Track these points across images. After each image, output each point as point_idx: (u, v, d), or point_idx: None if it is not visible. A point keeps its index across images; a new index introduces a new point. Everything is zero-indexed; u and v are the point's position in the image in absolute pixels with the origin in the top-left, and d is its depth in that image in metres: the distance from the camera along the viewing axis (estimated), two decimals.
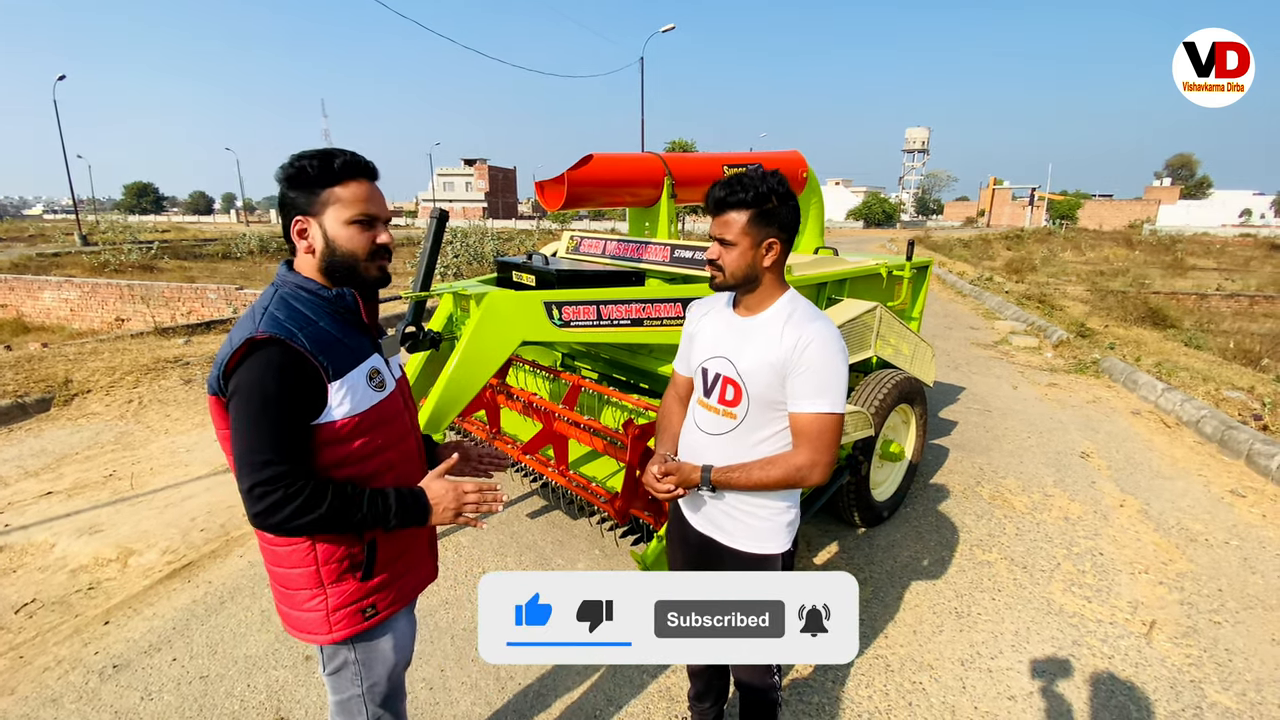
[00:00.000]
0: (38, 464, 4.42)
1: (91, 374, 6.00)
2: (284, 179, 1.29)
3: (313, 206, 1.30)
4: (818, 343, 1.48)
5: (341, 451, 1.31)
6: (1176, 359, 7.13)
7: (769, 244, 1.52)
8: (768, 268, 1.54)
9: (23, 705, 2.34)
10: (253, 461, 1.19)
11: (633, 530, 2.91)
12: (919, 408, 3.85)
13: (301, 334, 1.24)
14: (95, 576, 3.16)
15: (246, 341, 1.20)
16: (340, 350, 1.30)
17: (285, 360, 1.21)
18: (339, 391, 1.28)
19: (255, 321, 1.23)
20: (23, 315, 14.85)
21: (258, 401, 1.20)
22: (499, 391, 3.39)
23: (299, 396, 1.23)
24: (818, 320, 1.53)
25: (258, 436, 1.20)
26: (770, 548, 1.63)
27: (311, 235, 1.31)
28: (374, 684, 1.47)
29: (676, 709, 2.34)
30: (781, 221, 1.52)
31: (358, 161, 1.31)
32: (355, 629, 1.40)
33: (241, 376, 1.21)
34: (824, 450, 1.49)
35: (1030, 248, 28.75)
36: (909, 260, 4.28)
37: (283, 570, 1.36)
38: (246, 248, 24.62)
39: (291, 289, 1.32)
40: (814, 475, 1.50)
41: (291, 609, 1.39)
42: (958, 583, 3.15)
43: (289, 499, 1.20)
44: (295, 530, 1.24)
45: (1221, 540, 3.58)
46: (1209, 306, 15.12)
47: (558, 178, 3.71)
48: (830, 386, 1.48)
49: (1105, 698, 2.44)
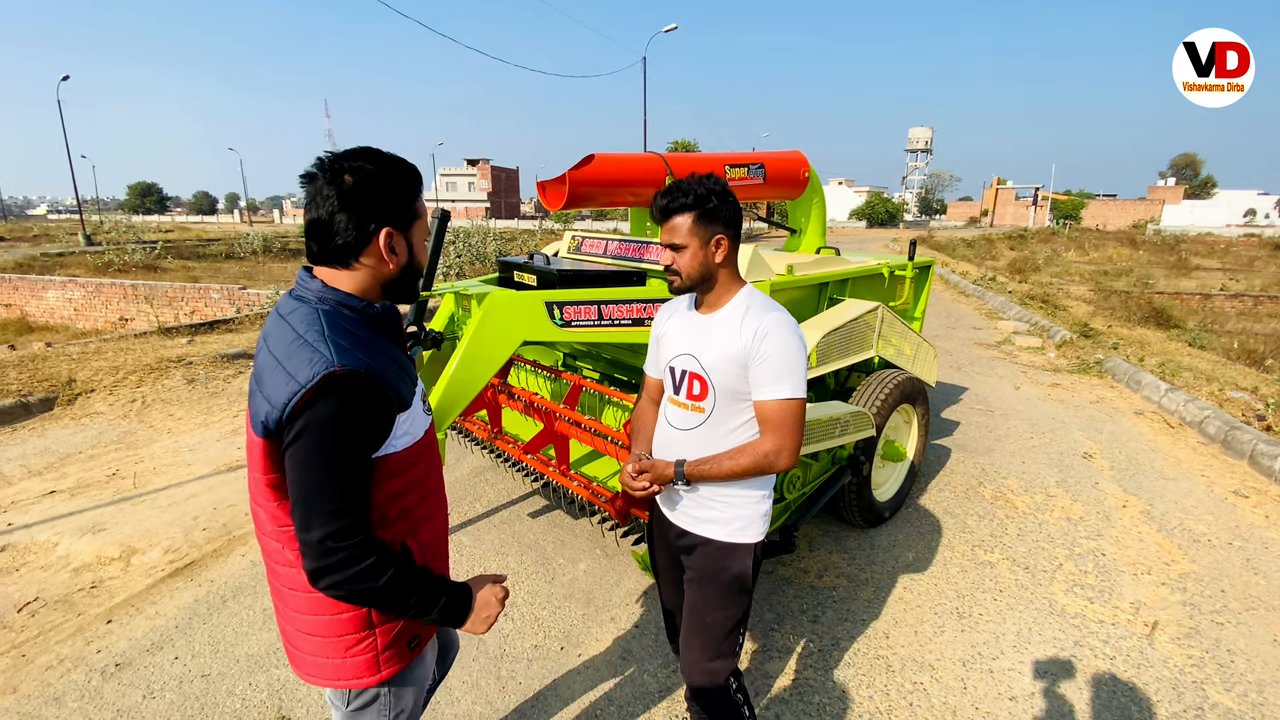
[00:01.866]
0: (41, 463, 4.44)
1: (95, 373, 6.02)
2: (374, 183, 1.13)
3: (407, 219, 1.18)
4: (774, 332, 1.53)
5: (393, 486, 1.20)
6: (1180, 359, 7.11)
7: (716, 241, 1.58)
8: (720, 264, 1.60)
9: (25, 704, 2.35)
10: (321, 511, 1.05)
11: (633, 530, 2.91)
12: (921, 408, 3.85)
13: (375, 364, 1.11)
14: (98, 575, 3.17)
15: (325, 377, 1.04)
16: (401, 376, 1.19)
17: (366, 397, 1.08)
18: (405, 422, 1.18)
19: (323, 352, 1.06)
20: (27, 315, 14.91)
21: (330, 445, 1.05)
22: (500, 391, 3.39)
23: (375, 436, 1.12)
24: (772, 311, 1.58)
25: (332, 485, 1.06)
26: (742, 537, 1.65)
27: (400, 250, 1.18)
28: (400, 712, 1.35)
29: (676, 709, 2.34)
30: (725, 218, 1.59)
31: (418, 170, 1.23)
32: (403, 664, 1.28)
33: (315, 416, 1.05)
34: (788, 434, 1.55)
35: (1033, 248, 28.70)
36: (911, 260, 4.27)
37: (321, 618, 1.21)
38: (250, 248, 24.68)
39: (333, 307, 1.14)
40: (781, 459, 1.55)
41: (329, 658, 1.24)
42: (959, 583, 3.14)
43: (354, 560, 1.07)
44: (343, 597, 1.11)
45: (1224, 541, 3.57)
46: (1213, 307, 15.07)
47: (559, 177, 3.71)
48: (788, 372, 1.53)
49: (1107, 698, 2.43)
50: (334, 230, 1.13)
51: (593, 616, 2.86)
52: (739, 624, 1.70)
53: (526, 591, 3.03)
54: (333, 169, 1.12)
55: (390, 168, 1.15)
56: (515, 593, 3.02)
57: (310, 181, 1.14)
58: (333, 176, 1.11)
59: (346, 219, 1.12)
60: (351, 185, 1.11)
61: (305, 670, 1.28)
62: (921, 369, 3.83)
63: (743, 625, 1.72)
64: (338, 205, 1.11)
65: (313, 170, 1.14)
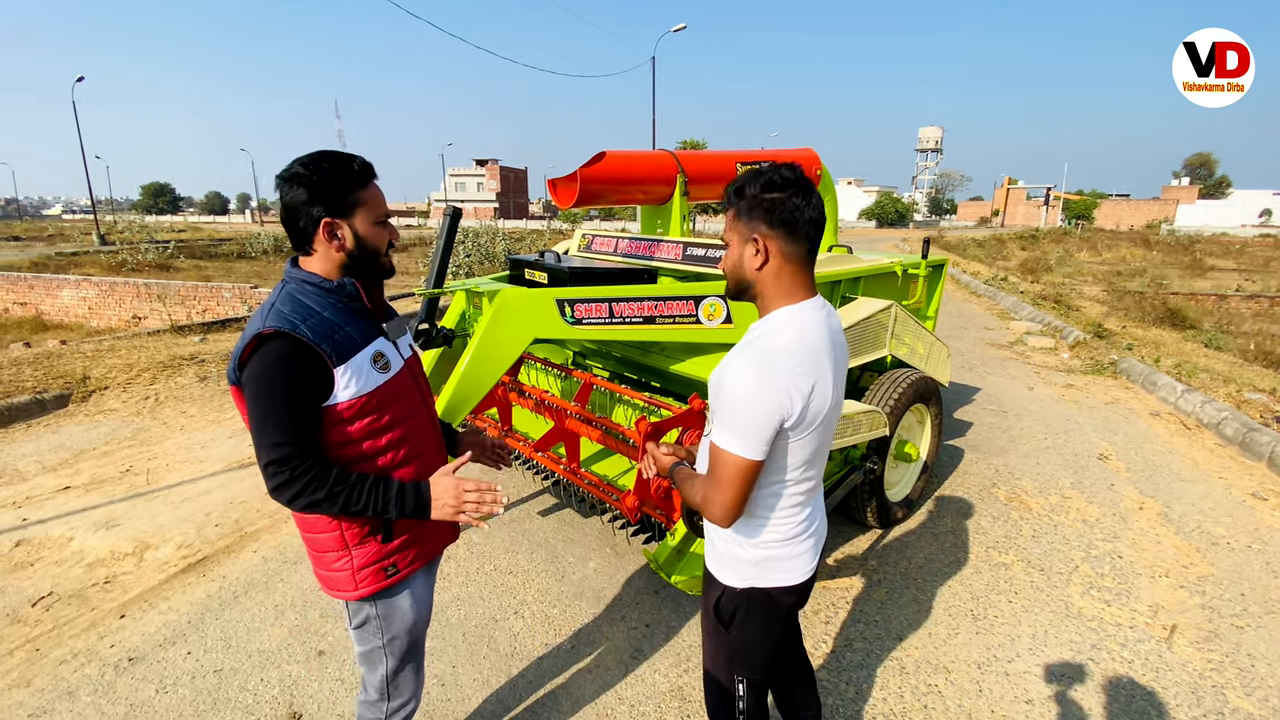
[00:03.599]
0: (56, 459, 4.47)
1: (109, 371, 6.07)
2: (307, 184, 1.35)
3: (344, 209, 1.38)
4: (732, 372, 1.29)
5: (350, 430, 1.41)
6: (1196, 360, 7.02)
7: (754, 241, 1.31)
8: (758, 270, 1.33)
9: (39, 697, 2.37)
10: (265, 443, 1.31)
11: (644, 529, 2.89)
12: (934, 408, 3.81)
13: (305, 325, 1.33)
14: (111, 570, 3.19)
15: (255, 336, 1.31)
16: (342, 337, 1.39)
17: (290, 351, 1.32)
18: (344, 375, 1.37)
19: (263, 318, 1.34)
20: (42, 313, 15.06)
21: (265, 389, 1.31)
22: (511, 389, 3.39)
23: (305, 383, 1.34)
24: (758, 348, 1.30)
25: (269, 421, 1.31)
26: (718, 572, 1.51)
27: (343, 235, 1.40)
28: (394, 638, 1.60)
29: (688, 708, 2.33)
30: (770, 217, 1.29)
31: (370, 165, 1.42)
32: (378, 586, 1.52)
33: (253, 368, 1.32)
34: (714, 486, 1.32)
35: (1045, 248, 28.45)
36: (924, 258, 4.23)
37: (312, 534, 1.49)
38: (261, 247, 24.86)
39: (297, 284, 1.41)
40: (707, 509, 1.33)
41: (322, 569, 1.53)
42: (974, 585, 3.11)
43: (294, 479, 1.32)
44: (301, 509, 1.36)
45: (1244, 544, 3.52)
46: (1229, 307, 14.88)
47: (571, 175, 3.71)
48: (728, 421, 1.28)
49: (1125, 702, 2.39)
50: (288, 223, 1.39)
51: (604, 615, 2.85)
52: (729, 664, 1.58)
53: (537, 589, 3.02)
54: (282, 174, 1.37)
55: (323, 166, 1.35)
56: (525, 590, 3.01)
57: (277, 186, 1.40)
58: (283, 180, 1.37)
59: (293, 213, 1.38)
60: (293, 186, 1.35)
61: (318, 578, 1.57)
62: (935, 368, 3.79)
63: (737, 673, 1.57)
64: (286, 203, 1.37)
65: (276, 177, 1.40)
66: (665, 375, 3.36)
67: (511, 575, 3.13)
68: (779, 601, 1.49)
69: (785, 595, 1.48)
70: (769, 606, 1.49)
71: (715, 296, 2.80)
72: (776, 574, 1.46)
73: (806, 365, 1.28)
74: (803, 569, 1.48)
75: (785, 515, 1.43)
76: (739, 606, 1.49)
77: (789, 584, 1.47)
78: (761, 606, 1.49)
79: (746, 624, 1.51)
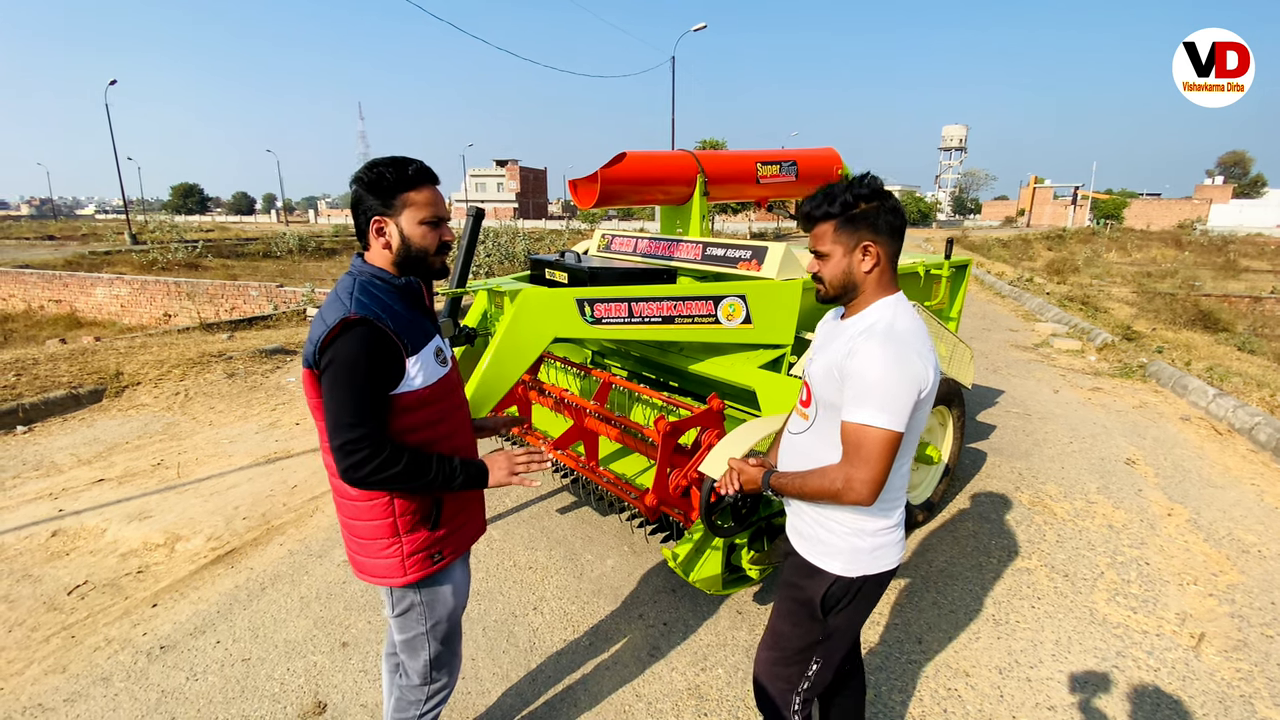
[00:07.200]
0: (90, 452, 4.60)
1: (141, 367, 6.23)
2: (363, 183, 1.46)
3: (391, 208, 1.46)
4: (863, 350, 1.40)
5: (416, 418, 1.49)
6: (1229, 364, 6.85)
7: (864, 248, 1.45)
8: (867, 273, 1.48)
9: (74, 683, 2.44)
10: (342, 423, 1.37)
11: (663, 528, 2.91)
12: (957, 410, 3.77)
13: (385, 315, 1.41)
14: (144, 561, 3.28)
15: (341, 321, 1.37)
16: (414, 330, 1.48)
17: (373, 337, 1.39)
18: (415, 365, 1.46)
19: (346, 304, 1.40)
20: (76, 310, 15.48)
21: (348, 372, 1.37)
22: (531, 387, 3.42)
23: (384, 369, 1.41)
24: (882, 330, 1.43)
25: (348, 402, 1.38)
26: (823, 563, 1.55)
27: (389, 232, 1.48)
28: (436, 623, 1.67)
29: (705, 706, 2.33)
30: (874, 224, 1.45)
31: (426, 169, 1.50)
32: (425, 572, 1.60)
33: (336, 350, 1.38)
34: (861, 464, 1.39)
35: (1072, 248, 27.93)
36: (947, 259, 4.19)
37: (362, 523, 1.55)
38: (286, 247, 25.29)
39: (368, 278, 1.48)
40: (850, 492, 1.40)
41: (367, 557, 1.58)
42: (996, 589, 3.07)
43: (373, 456, 1.38)
44: (376, 484, 1.42)
45: (1275, 552, 3.43)
46: (1264, 310, 14.48)
47: (591, 176, 3.73)
48: (869, 396, 1.38)
49: (1150, 711, 2.35)
50: (354, 218, 1.51)
51: (621, 612, 2.87)
52: (811, 649, 1.62)
53: (555, 586, 3.05)
54: (354, 174, 1.49)
55: (379, 168, 1.45)
56: (545, 587, 3.04)
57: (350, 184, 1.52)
58: (352, 179, 1.49)
59: (355, 209, 1.50)
60: (356, 185, 1.48)
61: (356, 567, 1.62)
62: (958, 370, 3.75)
63: (817, 654, 1.62)
64: (351, 200, 1.50)
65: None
66: (684, 375, 3.37)
67: (531, 571, 3.16)
68: (884, 584, 1.61)
69: (889, 577, 1.60)
70: (876, 591, 1.60)
71: (734, 297, 2.80)
72: (888, 558, 1.56)
73: (927, 343, 1.45)
74: (901, 550, 1.60)
75: (895, 499, 1.55)
76: (849, 594, 1.57)
77: (894, 566, 1.59)
78: (871, 592, 1.59)
79: (850, 610, 1.59)
